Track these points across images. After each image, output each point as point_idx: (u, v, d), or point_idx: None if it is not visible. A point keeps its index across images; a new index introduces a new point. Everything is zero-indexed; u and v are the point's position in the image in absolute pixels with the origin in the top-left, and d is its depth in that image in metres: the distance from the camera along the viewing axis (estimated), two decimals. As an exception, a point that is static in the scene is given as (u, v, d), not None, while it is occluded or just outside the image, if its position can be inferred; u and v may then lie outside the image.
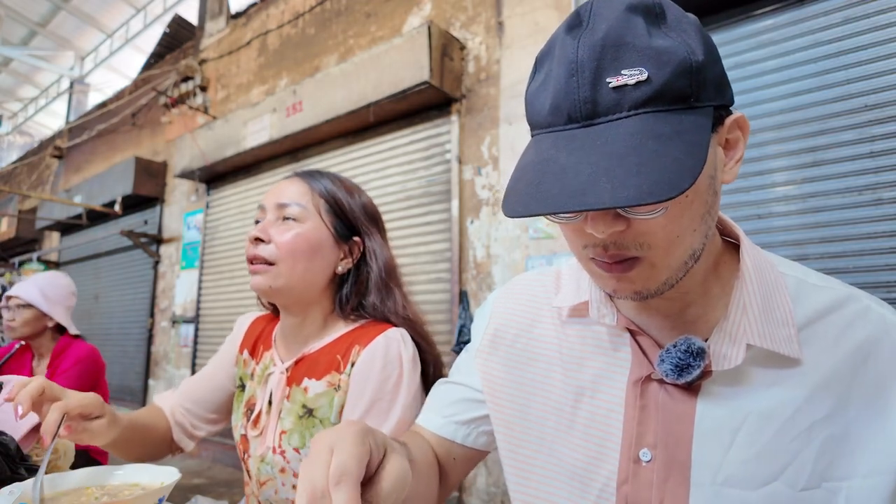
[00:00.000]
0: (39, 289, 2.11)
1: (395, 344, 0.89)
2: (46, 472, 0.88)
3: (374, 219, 1.04)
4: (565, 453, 0.61)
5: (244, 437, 0.99)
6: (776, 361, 0.53)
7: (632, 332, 0.59)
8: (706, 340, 0.54)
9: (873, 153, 2.21)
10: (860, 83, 2.26)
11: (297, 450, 0.89)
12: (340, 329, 0.96)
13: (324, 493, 0.39)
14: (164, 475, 0.71)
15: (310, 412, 0.90)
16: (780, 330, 0.53)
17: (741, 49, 2.57)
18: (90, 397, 0.81)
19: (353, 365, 0.89)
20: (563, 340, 0.65)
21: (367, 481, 0.43)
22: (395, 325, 0.94)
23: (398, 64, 3.46)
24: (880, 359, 0.50)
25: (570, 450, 0.60)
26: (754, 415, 0.52)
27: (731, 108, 0.53)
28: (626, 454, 0.56)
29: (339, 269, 0.97)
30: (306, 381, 0.92)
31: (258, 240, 0.92)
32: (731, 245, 0.61)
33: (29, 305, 2.08)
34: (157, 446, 1.03)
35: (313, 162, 4.48)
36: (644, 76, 0.44)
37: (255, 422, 0.97)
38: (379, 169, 3.95)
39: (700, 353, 0.52)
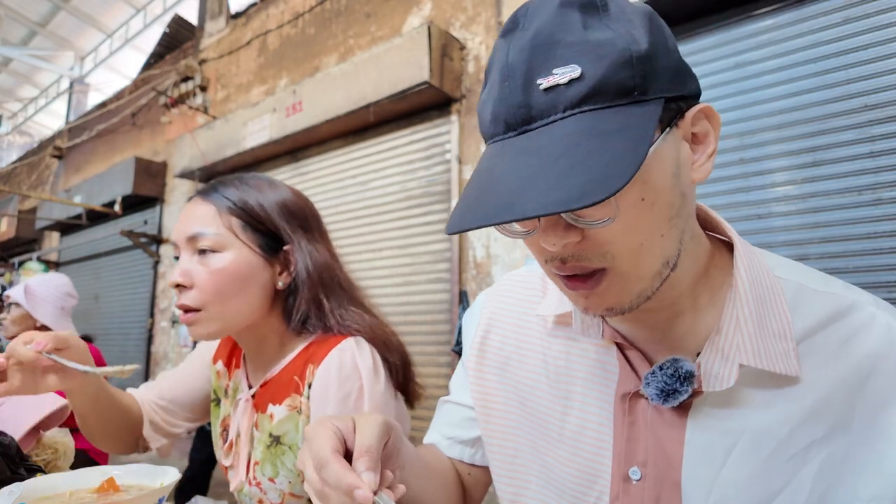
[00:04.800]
0: (26, 286, 2.12)
1: (349, 356, 0.83)
2: (46, 472, 0.88)
3: (298, 216, 0.91)
4: (557, 467, 0.59)
5: (223, 466, 0.95)
6: (772, 380, 0.49)
7: (619, 345, 0.56)
8: (697, 355, 0.51)
9: (873, 153, 2.21)
10: (860, 83, 2.26)
11: (271, 479, 0.85)
12: (297, 346, 0.89)
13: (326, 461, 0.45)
14: (163, 475, 0.71)
15: (277, 440, 0.86)
16: (777, 344, 0.49)
17: (741, 49, 2.57)
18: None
19: (310, 386, 0.83)
20: (549, 349, 0.62)
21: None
22: (349, 335, 0.87)
23: (398, 64, 3.46)
24: (885, 374, 0.47)
25: (560, 463, 0.59)
26: (748, 435, 0.49)
27: (698, 100, 0.49)
28: (617, 472, 0.54)
29: (280, 285, 0.88)
30: (271, 408, 0.87)
31: (180, 286, 0.83)
32: (724, 246, 0.57)
33: (17, 304, 2.11)
34: (127, 432, 0.97)
35: (313, 162, 4.48)
36: (577, 73, 0.41)
37: (228, 450, 0.94)
38: (379, 169, 3.95)
39: (688, 378, 0.49)
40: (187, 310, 0.83)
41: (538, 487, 0.61)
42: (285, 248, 0.88)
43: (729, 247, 0.56)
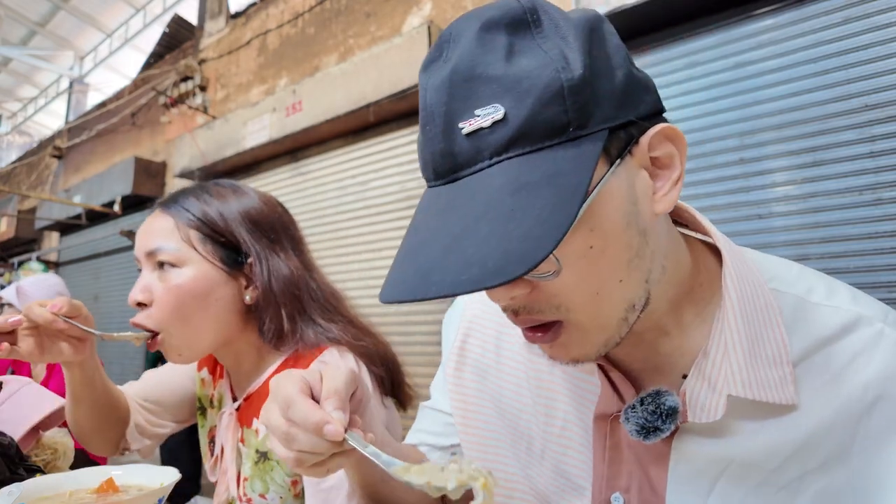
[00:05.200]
0: (18, 287, 2.14)
1: None
2: (46, 473, 0.88)
3: (262, 226, 0.86)
4: (540, 482, 0.57)
5: (211, 480, 0.95)
6: (764, 408, 0.45)
7: (601, 366, 0.53)
8: (683, 378, 0.47)
9: (873, 153, 2.21)
10: (860, 83, 2.26)
11: (262, 495, 0.84)
12: (276, 359, 0.87)
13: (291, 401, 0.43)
14: (163, 476, 0.71)
15: (264, 456, 0.84)
16: (771, 371, 0.44)
17: (741, 49, 2.56)
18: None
19: None
20: (531, 361, 0.59)
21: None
22: (328, 346, 0.84)
23: (398, 64, 3.45)
24: (893, 399, 0.42)
25: (543, 479, 0.57)
26: (736, 464, 0.45)
27: (660, 116, 0.43)
28: (598, 497, 0.52)
29: (248, 300, 0.84)
30: (256, 423, 0.86)
31: (140, 304, 0.80)
32: (711, 252, 0.52)
33: (10, 304, 2.12)
34: (114, 426, 0.94)
35: (313, 162, 4.48)
36: (500, 114, 0.36)
37: (214, 465, 0.92)
38: (379, 169, 3.95)
39: (671, 414, 0.45)
40: (149, 330, 0.80)
41: (522, 500, 0.60)
42: (249, 260, 0.84)
43: (717, 251, 0.51)
